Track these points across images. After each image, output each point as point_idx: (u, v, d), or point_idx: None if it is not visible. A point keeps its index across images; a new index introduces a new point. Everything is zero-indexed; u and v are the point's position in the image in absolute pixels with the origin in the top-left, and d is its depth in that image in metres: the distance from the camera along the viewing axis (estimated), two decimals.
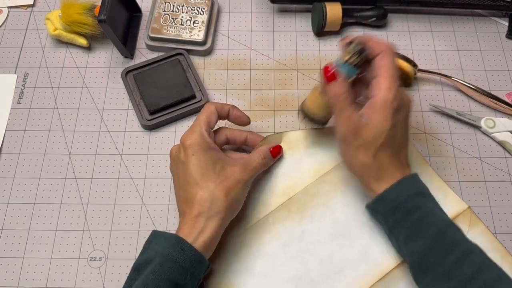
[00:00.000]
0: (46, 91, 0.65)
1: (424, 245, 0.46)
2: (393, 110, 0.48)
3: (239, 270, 0.53)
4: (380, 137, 0.48)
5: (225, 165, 0.51)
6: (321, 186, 0.57)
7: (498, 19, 0.70)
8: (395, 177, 0.49)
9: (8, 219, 0.57)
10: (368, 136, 0.48)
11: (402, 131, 0.50)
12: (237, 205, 0.52)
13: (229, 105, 0.55)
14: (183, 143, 0.51)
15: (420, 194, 0.49)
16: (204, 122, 0.52)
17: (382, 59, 0.49)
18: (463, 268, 0.44)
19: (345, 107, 0.49)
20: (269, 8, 0.71)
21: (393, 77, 0.48)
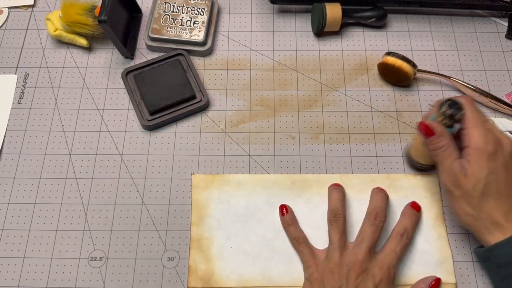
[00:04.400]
0: (47, 92, 0.65)
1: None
2: (488, 157, 0.47)
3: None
4: (479, 186, 0.47)
5: None
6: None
7: (497, 19, 0.71)
8: (509, 230, 0.47)
9: (9, 219, 0.57)
10: (467, 186, 0.48)
11: (506, 179, 0.48)
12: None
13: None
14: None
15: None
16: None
17: (466, 110, 0.49)
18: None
19: (445, 158, 0.49)
20: (269, 9, 0.71)
21: (478, 121, 0.49)
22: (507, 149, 0.49)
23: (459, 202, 0.49)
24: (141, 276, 0.54)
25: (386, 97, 0.65)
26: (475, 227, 0.49)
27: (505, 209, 0.48)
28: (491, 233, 0.48)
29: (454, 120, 0.49)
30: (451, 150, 0.49)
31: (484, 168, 0.47)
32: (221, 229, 0.56)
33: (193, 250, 0.55)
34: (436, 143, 0.50)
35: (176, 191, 0.59)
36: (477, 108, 0.50)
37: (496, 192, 0.48)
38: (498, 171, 0.48)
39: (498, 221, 0.47)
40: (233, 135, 0.62)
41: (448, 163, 0.49)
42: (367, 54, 0.68)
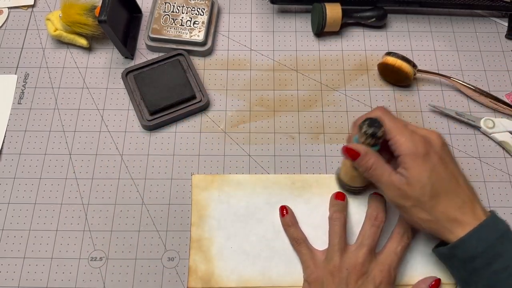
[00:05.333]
0: (47, 92, 0.65)
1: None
2: (423, 158, 0.47)
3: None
4: (426, 190, 0.47)
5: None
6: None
7: (497, 19, 0.71)
8: (470, 224, 0.46)
9: (9, 219, 0.57)
10: (415, 194, 0.47)
11: (446, 173, 0.48)
12: None
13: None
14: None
15: (502, 237, 0.46)
16: None
17: (384, 122, 0.49)
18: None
19: (380, 176, 0.48)
20: (269, 9, 0.71)
21: (400, 127, 0.48)
22: (437, 143, 0.49)
23: (412, 212, 0.48)
24: (141, 276, 0.54)
25: (386, 97, 0.65)
26: (436, 230, 0.48)
27: (458, 204, 0.47)
28: (452, 231, 0.47)
29: (376, 138, 0.49)
30: (383, 166, 0.49)
31: (424, 170, 0.47)
32: (221, 229, 0.56)
33: (193, 250, 0.55)
34: (365, 163, 0.49)
35: (176, 191, 0.59)
36: (393, 115, 0.50)
37: (444, 190, 0.47)
38: (438, 169, 0.47)
39: (456, 218, 0.47)
40: (233, 135, 0.62)
41: (386, 179, 0.48)
42: (367, 54, 0.68)
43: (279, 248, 0.55)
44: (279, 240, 0.56)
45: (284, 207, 0.56)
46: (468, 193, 0.48)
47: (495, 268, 0.45)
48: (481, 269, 0.46)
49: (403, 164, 0.48)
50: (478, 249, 0.45)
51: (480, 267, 0.46)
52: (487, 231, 0.46)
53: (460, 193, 0.48)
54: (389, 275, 0.50)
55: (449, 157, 0.49)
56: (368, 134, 0.48)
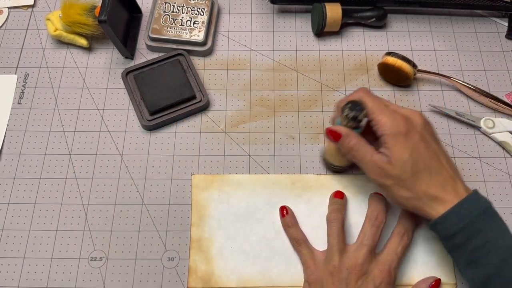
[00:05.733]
0: (47, 92, 0.65)
1: (485, 274, 0.45)
2: (404, 137, 0.47)
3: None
4: (407, 168, 0.47)
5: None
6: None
7: (497, 19, 0.71)
8: (451, 201, 0.47)
9: (9, 219, 0.57)
10: (396, 172, 0.47)
11: (428, 151, 0.48)
12: None
13: None
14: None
15: (482, 214, 0.46)
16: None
17: (366, 103, 0.50)
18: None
19: (362, 156, 0.49)
20: (269, 9, 0.71)
21: (381, 108, 0.49)
22: (418, 122, 0.49)
23: (394, 190, 0.48)
24: (141, 276, 0.54)
25: (386, 97, 0.65)
26: (418, 208, 0.48)
27: (440, 181, 0.48)
28: (434, 208, 0.47)
29: (358, 121, 0.50)
30: (364, 146, 0.49)
31: (405, 148, 0.47)
32: (221, 229, 0.56)
33: (193, 250, 0.55)
34: (346, 144, 0.50)
35: (176, 191, 0.59)
36: (375, 96, 0.51)
37: (425, 168, 0.48)
38: (419, 147, 0.48)
39: (437, 195, 0.47)
40: (233, 135, 0.62)
41: (368, 158, 0.49)
42: (367, 54, 0.68)
43: (279, 248, 0.55)
44: (279, 240, 0.56)
45: (284, 207, 0.56)
46: (449, 171, 0.49)
47: (475, 244, 0.45)
48: (462, 245, 0.46)
49: (385, 144, 0.48)
50: (458, 226, 0.46)
51: (461, 243, 0.46)
52: (467, 208, 0.46)
53: (441, 170, 0.48)
54: (389, 275, 0.50)
55: (431, 135, 0.50)
56: (349, 117, 0.49)
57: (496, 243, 0.45)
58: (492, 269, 0.45)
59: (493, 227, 0.46)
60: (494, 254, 0.45)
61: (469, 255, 0.46)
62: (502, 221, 0.47)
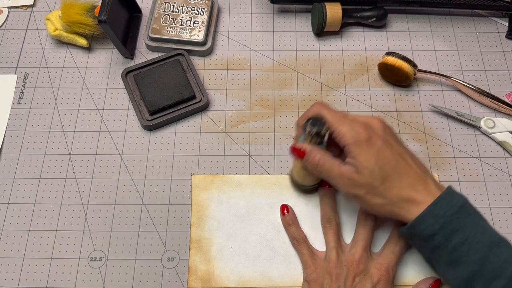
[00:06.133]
0: (46, 92, 0.65)
1: (467, 272, 0.44)
2: (367, 144, 0.47)
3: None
4: (376, 175, 0.47)
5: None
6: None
7: (498, 19, 0.70)
8: (425, 202, 0.46)
9: (8, 219, 0.57)
10: (366, 180, 0.47)
11: (392, 154, 0.48)
12: None
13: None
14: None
15: (459, 211, 0.45)
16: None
17: (324, 116, 0.49)
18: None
19: (330, 170, 0.49)
20: (269, 8, 0.71)
21: (340, 118, 0.49)
22: (378, 127, 0.49)
23: (367, 199, 0.48)
24: (141, 277, 0.54)
25: (386, 97, 0.65)
26: (393, 213, 0.48)
27: (410, 183, 0.47)
28: (409, 211, 0.47)
29: (322, 136, 0.49)
30: (330, 160, 0.49)
31: (370, 155, 0.47)
32: (221, 230, 0.56)
33: (193, 250, 0.55)
34: (311, 160, 0.49)
35: (176, 191, 0.59)
36: (331, 108, 0.51)
37: (393, 171, 0.47)
38: (383, 151, 0.47)
39: (410, 197, 0.47)
40: (233, 135, 0.62)
41: (335, 172, 0.48)
42: (367, 54, 0.68)
43: (279, 249, 0.55)
44: (279, 241, 0.55)
45: (285, 206, 0.56)
46: (418, 171, 0.48)
47: (454, 242, 0.45)
48: (441, 245, 0.46)
49: (349, 154, 0.48)
50: (435, 226, 0.45)
51: (440, 244, 0.46)
52: (442, 207, 0.46)
53: (409, 171, 0.48)
54: (387, 273, 0.50)
55: (394, 138, 0.50)
56: (312, 133, 0.49)
57: (475, 239, 0.45)
58: (474, 266, 0.44)
59: (470, 224, 0.45)
60: (474, 251, 0.44)
61: (450, 255, 0.45)
62: (480, 215, 0.47)
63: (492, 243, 0.45)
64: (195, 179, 0.59)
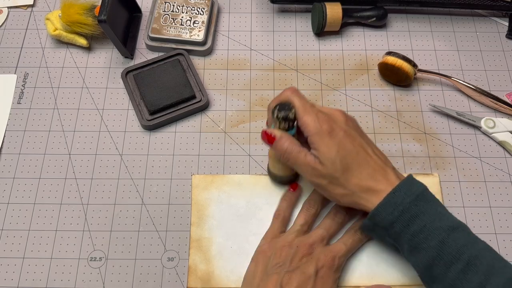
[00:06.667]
0: (46, 91, 0.65)
1: (427, 257, 0.45)
2: (329, 135, 0.48)
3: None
4: (337, 166, 0.48)
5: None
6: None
7: (498, 19, 0.70)
8: (384, 191, 0.47)
9: (8, 219, 0.57)
10: (328, 171, 0.48)
11: (354, 145, 0.49)
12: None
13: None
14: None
15: (417, 199, 0.47)
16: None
17: (293, 102, 0.50)
18: (470, 277, 0.43)
19: (297, 158, 0.49)
20: (269, 8, 0.71)
21: (307, 108, 0.49)
22: (340, 119, 0.50)
23: (329, 188, 0.49)
24: (141, 277, 0.54)
25: (386, 97, 0.65)
26: (355, 203, 0.49)
27: (370, 173, 0.48)
28: (369, 200, 0.48)
29: (290, 120, 0.49)
30: (298, 148, 0.49)
31: (332, 146, 0.48)
32: (221, 229, 0.56)
33: (193, 250, 0.55)
34: (280, 146, 0.50)
35: (176, 191, 0.59)
36: (302, 95, 0.51)
37: (354, 162, 0.48)
38: (345, 143, 0.48)
39: (369, 187, 0.48)
40: (233, 135, 0.62)
41: (301, 160, 0.49)
42: (367, 54, 0.67)
43: None
44: None
45: (297, 185, 0.57)
46: (378, 162, 0.49)
47: (413, 230, 0.46)
48: (401, 232, 0.47)
49: (312, 144, 0.49)
50: (394, 214, 0.46)
51: (400, 231, 0.47)
52: (400, 195, 0.46)
53: (370, 162, 0.49)
54: (332, 261, 0.50)
55: (355, 130, 0.50)
56: (280, 118, 0.49)
57: (433, 226, 0.46)
58: (433, 251, 0.45)
59: (428, 211, 0.46)
60: (432, 237, 0.45)
61: (410, 242, 0.46)
62: (438, 203, 0.48)
63: (450, 228, 0.46)
64: (195, 179, 0.59)
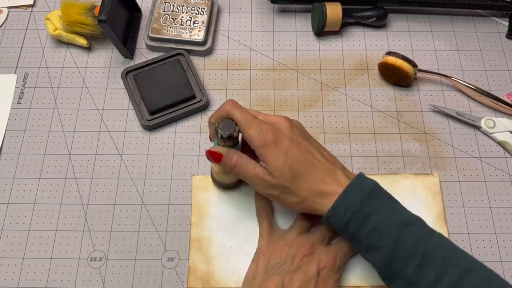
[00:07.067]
0: (46, 91, 0.65)
1: (383, 255, 0.45)
2: (274, 145, 0.48)
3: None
4: (286, 175, 0.47)
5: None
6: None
7: (498, 19, 0.70)
8: (336, 193, 0.47)
9: (8, 219, 0.57)
10: (277, 182, 0.48)
11: (300, 151, 0.48)
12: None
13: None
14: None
15: (368, 198, 0.46)
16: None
17: (234, 117, 0.49)
18: (426, 271, 0.43)
19: (246, 171, 0.49)
20: (269, 8, 0.71)
21: (249, 121, 0.49)
22: (284, 127, 0.49)
23: (282, 198, 0.49)
24: (141, 277, 0.54)
25: (386, 97, 0.65)
26: (309, 209, 0.49)
27: (319, 177, 0.48)
28: (322, 204, 0.47)
29: (234, 138, 0.49)
30: (246, 161, 0.49)
31: (278, 156, 0.47)
32: (221, 230, 0.56)
33: (193, 250, 0.55)
34: (229, 162, 0.49)
35: (176, 191, 0.59)
36: (242, 107, 0.50)
37: (303, 169, 0.48)
38: (291, 150, 0.48)
39: (321, 191, 0.48)
40: None
41: (251, 173, 0.49)
42: (367, 54, 0.67)
43: None
44: None
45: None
46: (327, 164, 0.49)
47: (368, 229, 0.46)
48: (356, 233, 0.47)
49: (260, 157, 0.48)
50: (347, 215, 0.46)
51: (355, 232, 0.46)
52: (351, 196, 0.46)
53: (318, 166, 0.48)
54: (334, 261, 0.50)
55: (301, 136, 0.50)
56: (225, 137, 0.49)
57: (386, 223, 0.45)
58: (389, 249, 0.45)
59: (381, 208, 0.46)
60: (386, 235, 0.45)
61: (365, 241, 0.46)
62: (391, 199, 0.48)
63: (402, 224, 0.45)
64: (195, 180, 0.59)
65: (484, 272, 0.43)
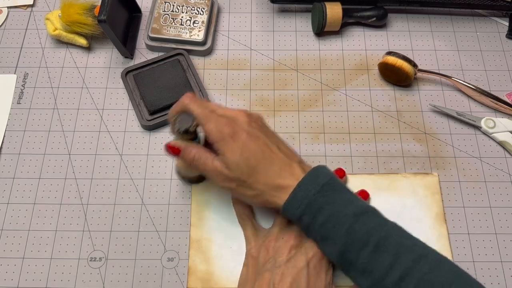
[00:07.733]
0: (46, 91, 0.65)
1: (338, 245, 0.46)
2: (231, 139, 0.48)
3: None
4: (242, 168, 0.47)
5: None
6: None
7: (498, 19, 0.70)
8: (291, 186, 0.47)
9: (8, 219, 0.57)
10: (234, 175, 0.48)
11: (257, 145, 0.48)
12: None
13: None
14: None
15: (321, 190, 0.47)
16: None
17: (192, 111, 0.49)
18: (380, 259, 0.44)
19: (205, 165, 0.49)
20: (269, 8, 0.71)
21: (207, 115, 0.49)
22: (242, 121, 0.49)
23: (240, 191, 0.49)
24: (140, 277, 0.54)
25: (386, 97, 0.65)
26: (266, 202, 0.49)
27: (276, 171, 0.48)
28: (279, 197, 0.48)
29: (191, 133, 0.49)
30: (205, 154, 0.49)
31: (235, 150, 0.47)
32: (221, 230, 0.56)
33: (192, 251, 0.55)
34: (187, 156, 0.50)
35: (176, 192, 0.58)
36: (200, 102, 0.50)
37: (259, 163, 0.48)
38: (248, 145, 0.48)
39: (277, 184, 0.48)
40: None
41: (209, 166, 0.49)
42: (367, 54, 0.67)
43: None
44: None
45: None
46: (283, 158, 0.49)
47: (321, 220, 0.46)
48: (310, 224, 0.47)
49: (218, 150, 0.49)
50: (301, 207, 0.47)
51: (309, 223, 0.47)
52: (305, 189, 0.47)
53: (275, 160, 0.49)
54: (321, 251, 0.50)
55: (260, 130, 0.50)
56: (181, 131, 0.49)
57: (340, 213, 0.46)
58: (342, 239, 0.45)
59: (335, 199, 0.47)
60: (340, 225, 0.46)
61: (319, 232, 0.47)
62: (346, 190, 0.48)
63: (357, 214, 0.46)
64: None
65: (436, 257, 0.45)
